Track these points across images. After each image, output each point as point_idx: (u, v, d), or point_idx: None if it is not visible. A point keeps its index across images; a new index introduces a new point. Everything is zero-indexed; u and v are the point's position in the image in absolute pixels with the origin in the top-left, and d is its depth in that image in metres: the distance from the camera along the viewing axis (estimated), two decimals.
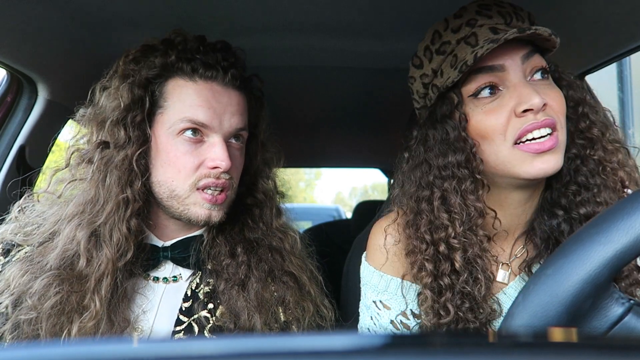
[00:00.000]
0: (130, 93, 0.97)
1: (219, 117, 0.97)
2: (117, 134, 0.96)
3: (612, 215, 0.49)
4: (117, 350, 0.33)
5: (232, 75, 0.99)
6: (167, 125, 0.97)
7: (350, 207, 19.66)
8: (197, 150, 0.97)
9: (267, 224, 1.11)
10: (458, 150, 0.91)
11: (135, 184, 0.96)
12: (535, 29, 0.82)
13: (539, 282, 0.51)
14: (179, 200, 0.98)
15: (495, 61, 0.87)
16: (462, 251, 0.91)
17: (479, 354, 0.32)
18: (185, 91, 0.97)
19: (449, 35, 0.91)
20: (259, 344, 0.34)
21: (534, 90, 0.83)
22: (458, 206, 0.92)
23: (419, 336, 0.41)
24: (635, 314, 0.51)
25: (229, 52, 1.04)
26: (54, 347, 0.35)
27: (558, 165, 0.84)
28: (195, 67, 0.98)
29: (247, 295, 1.01)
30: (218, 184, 0.97)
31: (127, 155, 0.95)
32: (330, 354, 0.32)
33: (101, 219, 0.93)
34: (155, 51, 1.00)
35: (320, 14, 1.32)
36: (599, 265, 0.48)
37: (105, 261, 0.92)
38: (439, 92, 0.93)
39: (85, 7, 1.23)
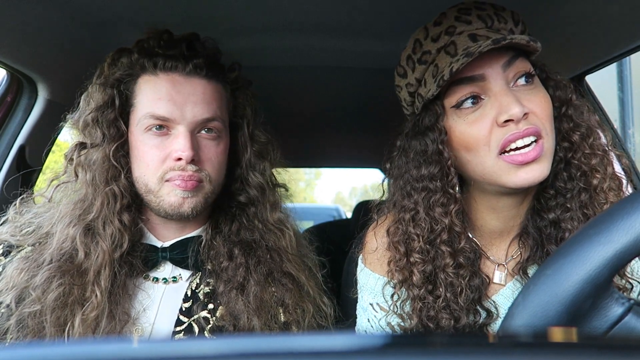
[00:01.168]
0: (103, 94, 1.00)
1: (180, 108, 0.97)
2: (93, 134, 0.99)
3: (612, 215, 0.49)
4: (117, 350, 0.33)
5: (194, 65, 0.99)
6: (136, 122, 0.99)
7: (350, 207, 19.67)
8: (162, 144, 0.97)
9: (263, 221, 1.10)
10: (433, 163, 0.91)
11: (119, 180, 0.98)
12: (511, 38, 0.80)
13: (538, 282, 0.51)
14: (154, 193, 0.98)
15: (475, 71, 0.85)
16: (421, 265, 0.91)
17: (479, 354, 0.32)
18: (149, 86, 0.99)
19: (429, 44, 0.90)
20: (259, 344, 0.34)
21: (515, 99, 0.81)
22: (424, 220, 0.92)
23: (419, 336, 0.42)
24: (635, 314, 0.51)
25: (194, 42, 1.03)
26: (54, 347, 0.36)
27: (544, 175, 0.83)
28: (157, 61, 0.99)
29: (246, 299, 1.01)
30: (184, 176, 0.96)
31: (106, 152, 0.98)
32: (330, 354, 0.32)
33: (92, 214, 0.96)
34: (124, 51, 1.03)
35: (320, 14, 1.32)
36: (599, 265, 0.48)
37: (102, 253, 0.94)
38: (424, 102, 0.92)
39: (85, 7, 1.23)
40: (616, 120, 4.83)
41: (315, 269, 1.14)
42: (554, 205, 0.91)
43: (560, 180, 0.91)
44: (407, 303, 0.95)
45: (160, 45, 1.00)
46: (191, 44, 1.02)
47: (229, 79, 1.08)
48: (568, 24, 1.29)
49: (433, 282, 0.92)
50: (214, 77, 1.02)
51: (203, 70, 1.00)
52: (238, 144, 1.11)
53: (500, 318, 0.96)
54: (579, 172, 0.90)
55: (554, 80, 0.93)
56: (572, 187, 0.90)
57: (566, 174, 0.91)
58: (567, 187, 0.90)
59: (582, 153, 0.90)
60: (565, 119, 0.91)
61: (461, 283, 0.91)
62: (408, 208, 0.95)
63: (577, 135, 0.90)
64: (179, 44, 1.01)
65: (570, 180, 0.90)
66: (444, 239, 0.91)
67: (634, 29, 1.22)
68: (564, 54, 1.46)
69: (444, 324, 0.90)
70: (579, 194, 0.90)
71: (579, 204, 0.89)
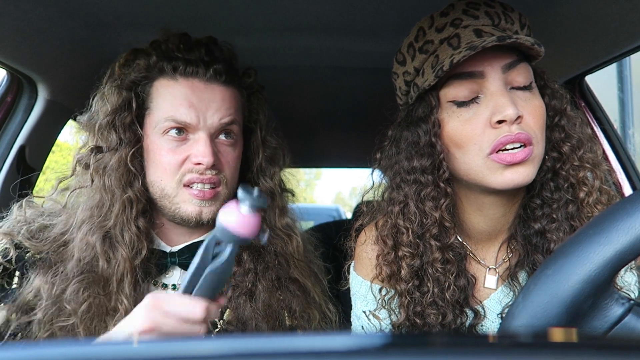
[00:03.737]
0: (118, 96, 0.98)
1: (201, 114, 0.96)
2: (109, 137, 0.97)
3: (612, 215, 0.49)
4: (117, 350, 0.33)
5: (215, 71, 0.98)
6: (154, 125, 0.98)
7: (350, 207, 19.65)
8: (181, 148, 0.97)
9: (271, 226, 1.09)
10: (425, 155, 0.90)
11: (134, 184, 0.97)
12: (516, 37, 0.79)
13: (539, 282, 0.51)
14: (169, 199, 0.98)
15: (475, 67, 0.84)
16: (410, 259, 0.91)
17: (479, 354, 0.32)
18: (168, 91, 0.98)
19: (433, 34, 0.89)
20: (259, 344, 0.34)
21: (510, 101, 0.81)
22: (414, 213, 0.91)
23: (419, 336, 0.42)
24: (635, 314, 0.51)
25: (213, 47, 1.02)
26: (54, 347, 0.36)
27: (529, 178, 0.83)
28: (176, 65, 0.98)
29: (255, 305, 1.00)
30: (203, 179, 0.96)
31: (122, 157, 0.96)
32: (330, 354, 0.32)
33: (111, 222, 0.94)
34: (141, 53, 1.01)
35: (321, 14, 1.32)
36: (599, 266, 0.48)
37: (123, 261, 0.93)
38: (419, 93, 0.91)
39: (85, 7, 1.23)
40: (616, 120, 4.83)
41: (321, 275, 1.14)
42: (540, 215, 0.90)
43: (547, 190, 0.91)
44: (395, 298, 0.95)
45: (180, 48, 0.99)
46: (210, 48, 1.01)
47: (244, 84, 1.07)
48: (568, 24, 1.29)
49: (420, 277, 0.92)
50: (232, 82, 1.02)
51: (222, 76, 1.00)
52: (250, 149, 1.11)
53: (488, 319, 0.95)
54: (567, 184, 0.89)
55: (551, 89, 0.93)
56: (559, 197, 0.89)
57: (553, 185, 0.90)
58: (553, 197, 0.89)
59: (571, 165, 0.89)
60: (557, 129, 0.91)
61: (448, 279, 0.90)
62: (397, 200, 0.93)
63: (568, 146, 0.90)
64: (198, 48, 1.00)
65: (557, 190, 0.90)
66: (433, 233, 0.90)
67: (633, 29, 1.21)
68: (564, 54, 1.46)
69: (431, 320, 0.90)
70: (566, 205, 0.89)
71: (565, 215, 0.89)
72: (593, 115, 1.74)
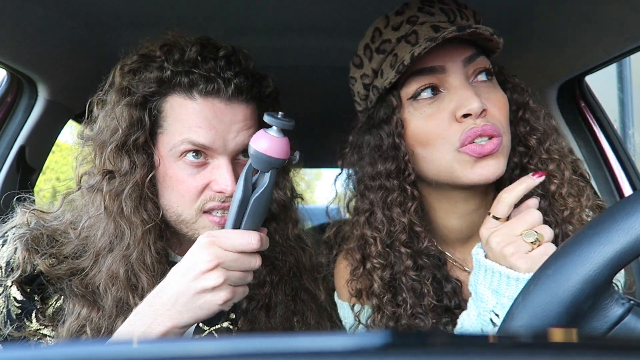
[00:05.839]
0: (128, 115, 0.89)
1: (222, 137, 0.88)
2: (120, 162, 0.89)
3: (612, 216, 0.49)
4: (117, 350, 0.33)
5: (236, 87, 0.89)
6: (168, 147, 0.90)
7: None
8: (200, 174, 0.90)
9: (284, 238, 1.05)
10: (389, 159, 0.87)
11: (149, 208, 0.90)
12: (475, 27, 0.78)
13: (539, 282, 0.51)
14: (187, 224, 0.92)
15: (435, 62, 0.82)
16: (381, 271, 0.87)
17: (479, 354, 0.32)
18: (184, 110, 0.89)
19: (389, 33, 0.87)
20: (259, 344, 0.34)
21: (474, 94, 0.79)
22: (381, 221, 0.87)
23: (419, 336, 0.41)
24: (635, 314, 0.50)
25: (233, 59, 0.93)
26: (54, 347, 0.35)
27: (499, 171, 0.81)
28: (194, 81, 0.88)
29: (274, 321, 0.97)
30: (225, 207, 0.90)
31: (137, 182, 0.89)
32: (330, 354, 0.32)
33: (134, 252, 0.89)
34: (152, 62, 0.91)
35: (321, 14, 1.32)
36: (599, 266, 0.48)
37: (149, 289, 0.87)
38: (379, 94, 0.88)
39: (85, 7, 1.23)
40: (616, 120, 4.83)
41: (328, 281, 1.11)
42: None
43: None
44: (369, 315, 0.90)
45: (198, 61, 0.89)
46: (230, 60, 0.92)
47: (263, 95, 0.99)
48: (568, 25, 1.28)
49: (393, 288, 0.87)
50: (252, 98, 0.94)
51: (243, 93, 0.91)
52: None
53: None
54: None
55: (511, 83, 0.91)
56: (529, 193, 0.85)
57: None
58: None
59: (539, 158, 0.88)
60: (522, 122, 0.90)
61: (425, 286, 0.86)
62: (362, 209, 0.89)
63: (534, 139, 0.88)
64: (218, 60, 0.90)
65: None
66: (403, 240, 0.87)
67: (633, 29, 1.21)
68: (564, 54, 1.46)
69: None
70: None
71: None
72: (593, 115, 1.74)
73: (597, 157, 1.73)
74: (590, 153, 1.75)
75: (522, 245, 0.72)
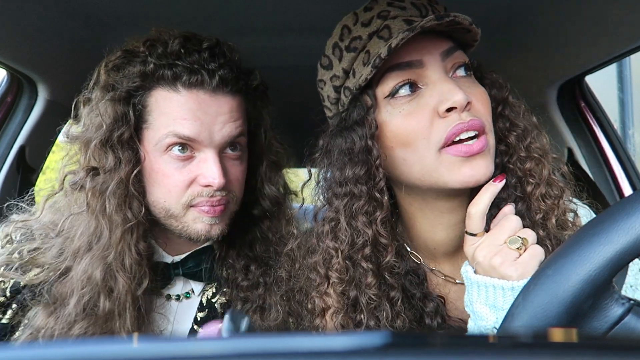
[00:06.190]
0: (112, 110, 0.88)
1: (207, 129, 0.87)
2: (105, 158, 0.88)
3: (612, 215, 0.49)
4: (117, 350, 0.33)
5: (220, 79, 0.88)
6: (154, 141, 0.89)
7: None
8: (187, 167, 0.89)
9: (278, 235, 1.04)
10: (359, 163, 0.80)
11: (134, 206, 0.89)
12: (454, 15, 0.73)
13: (538, 283, 0.51)
14: (177, 218, 0.91)
15: (412, 56, 0.77)
16: (341, 286, 0.81)
17: (479, 354, 0.32)
18: (169, 103, 0.88)
19: (360, 29, 0.81)
20: (259, 344, 0.34)
21: (456, 86, 0.74)
22: (344, 231, 0.80)
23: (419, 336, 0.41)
24: (635, 314, 0.50)
25: (217, 50, 0.92)
26: (54, 347, 0.35)
27: (489, 172, 0.76)
28: (178, 73, 0.87)
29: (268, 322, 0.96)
30: (213, 202, 0.90)
31: (122, 179, 0.87)
32: (330, 354, 0.32)
33: (112, 252, 0.87)
34: (135, 57, 0.90)
35: (321, 14, 1.32)
36: (599, 266, 0.48)
37: (124, 292, 0.86)
38: (352, 95, 0.82)
39: (85, 7, 1.23)
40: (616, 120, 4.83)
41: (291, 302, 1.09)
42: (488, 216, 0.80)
43: None
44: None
45: (181, 54, 0.88)
46: (214, 52, 0.91)
47: (250, 88, 0.98)
48: (568, 24, 1.28)
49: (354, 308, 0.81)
50: (238, 90, 0.93)
51: (228, 85, 0.90)
52: (253, 155, 1.03)
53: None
54: (514, 179, 0.83)
55: (489, 79, 0.87)
56: (507, 196, 0.82)
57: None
58: (502, 196, 0.81)
59: (518, 156, 0.83)
60: (501, 119, 0.85)
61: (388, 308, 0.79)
62: (328, 218, 0.83)
63: (513, 136, 0.84)
64: (200, 52, 0.89)
65: (505, 188, 0.81)
66: (366, 254, 0.80)
67: (633, 30, 1.21)
68: (564, 54, 1.46)
69: None
70: (515, 203, 0.81)
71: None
72: (593, 115, 1.74)
73: (597, 157, 1.73)
74: (590, 153, 1.75)
75: (509, 253, 0.69)
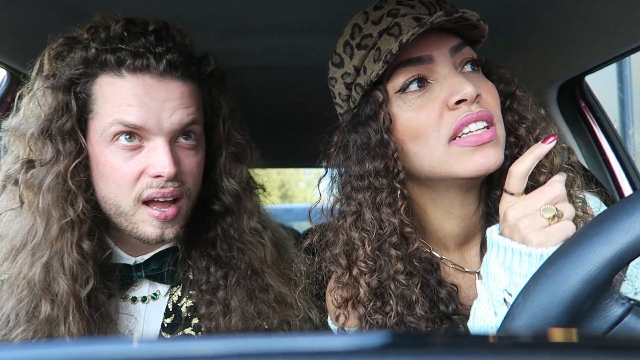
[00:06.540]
0: (53, 99, 0.83)
1: (155, 115, 0.82)
2: (43, 150, 0.82)
3: (612, 215, 0.49)
4: (117, 350, 0.33)
5: (168, 63, 0.83)
6: (99, 132, 0.83)
7: None
8: (135, 158, 0.83)
9: (240, 232, 0.98)
10: (377, 157, 0.82)
11: (77, 204, 0.83)
12: (463, 11, 0.75)
13: (539, 283, 0.51)
14: (126, 217, 0.86)
15: (422, 52, 0.79)
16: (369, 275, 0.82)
17: (479, 354, 0.32)
18: (113, 89, 0.82)
19: (370, 27, 0.83)
20: (259, 344, 0.34)
21: (466, 80, 0.77)
22: (370, 222, 0.82)
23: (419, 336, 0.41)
24: (635, 314, 0.50)
25: (164, 33, 0.86)
26: (54, 347, 0.35)
27: (499, 160, 0.77)
28: (122, 58, 0.81)
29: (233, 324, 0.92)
30: (165, 193, 0.84)
31: (60, 172, 0.81)
32: (330, 354, 0.32)
33: (48, 252, 0.81)
34: (77, 43, 0.85)
35: (321, 14, 1.32)
36: (599, 266, 0.48)
37: (66, 296, 0.81)
38: (363, 91, 0.85)
39: (85, 8, 1.23)
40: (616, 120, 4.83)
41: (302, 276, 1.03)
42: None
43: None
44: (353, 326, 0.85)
45: (124, 36, 0.83)
46: (160, 35, 0.85)
47: (204, 74, 0.92)
48: (568, 24, 1.29)
49: (381, 296, 0.82)
50: (189, 75, 0.87)
51: (178, 69, 0.84)
52: (212, 146, 0.97)
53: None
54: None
55: (496, 74, 0.89)
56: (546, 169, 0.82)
57: None
58: None
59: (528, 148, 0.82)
60: (510, 112, 0.87)
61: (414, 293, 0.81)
62: (349, 212, 0.84)
63: (523, 128, 0.86)
64: (145, 35, 0.84)
65: None
66: (393, 242, 0.81)
67: (633, 29, 1.21)
68: (564, 54, 1.46)
69: None
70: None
71: None
72: (593, 115, 1.74)
73: (597, 157, 1.73)
74: (590, 153, 1.75)
75: (538, 219, 0.67)
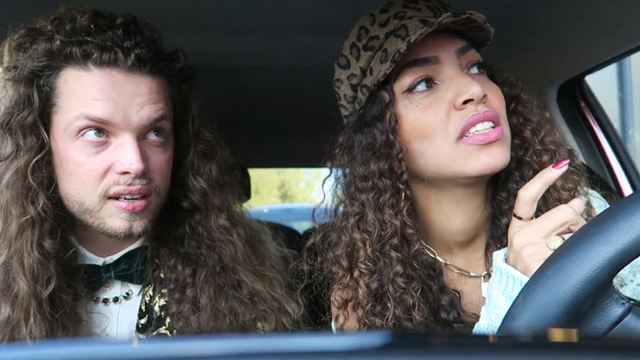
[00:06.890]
0: (13, 91, 0.81)
1: (122, 110, 0.80)
2: (2, 144, 0.81)
3: (612, 215, 0.49)
4: (117, 350, 0.33)
5: (137, 58, 0.81)
6: (63, 126, 0.81)
7: None
8: (102, 153, 0.82)
9: (209, 229, 0.96)
10: (382, 157, 0.83)
11: (37, 201, 0.80)
12: (470, 13, 0.76)
13: (538, 283, 0.51)
14: (92, 213, 0.83)
15: (429, 53, 0.81)
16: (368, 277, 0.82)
17: (479, 354, 0.32)
18: (79, 83, 0.80)
19: (377, 29, 0.84)
20: (258, 344, 0.34)
21: (472, 80, 0.78)
22: (372, 224, 0.82)
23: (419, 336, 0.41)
24: (635, 314, 0.50)
25: (132, 28, 0.85)
26: (54, 347, 0.36)
27: (506, 159, 0.78)
28: (88, 51, 0.79)
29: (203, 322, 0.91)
30: (132, 190, 0.82)
31: (20, 168, 0.80)
32: (330, 354, 0.32)
33: (5, 252, 0.79)
34: (41, 35, 0.83)
35: (320, 14, 1.32)
36: (599, 266, 0.48)
37: (27, 297, 0.78)
38: (369, 92, 0.85)
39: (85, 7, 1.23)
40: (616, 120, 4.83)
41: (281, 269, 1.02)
42: (507, 209, 0.85)
43: (512, 181, 0.86)
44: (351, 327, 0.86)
45: (91, 29, 0.81)
46: (128, 29, 0.84)
47: (173, 70, 0.91)
48: (568, 24, 1.29)
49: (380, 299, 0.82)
50: (158, 70, 0.86)
51: (147, 64, 0.83)
52: (180, 143, 0.96)
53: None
54: (531, 172, 0.84)
55: (500, 78, 0.90)
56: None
57: (518, 174, 0.86)
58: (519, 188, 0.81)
59: (533, 150, 0.86)
60: (515, 115, 0.88)
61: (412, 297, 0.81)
62: (352, 213, 0.85)
63: (528, 130, 0.86)
64: (113, 29, 0.82)
65: (522, 180, 0.84)
66: (394, 243, 0.82)
67: (634, 29, 1.21)
68: (564, 54, 1.46)
69: None
70: None
71: None
72: (593, 115, 1.74)
73: (597, 157, 1.73)
74: (590, 153, 1.75)
75: (543, 249, 0.67)
